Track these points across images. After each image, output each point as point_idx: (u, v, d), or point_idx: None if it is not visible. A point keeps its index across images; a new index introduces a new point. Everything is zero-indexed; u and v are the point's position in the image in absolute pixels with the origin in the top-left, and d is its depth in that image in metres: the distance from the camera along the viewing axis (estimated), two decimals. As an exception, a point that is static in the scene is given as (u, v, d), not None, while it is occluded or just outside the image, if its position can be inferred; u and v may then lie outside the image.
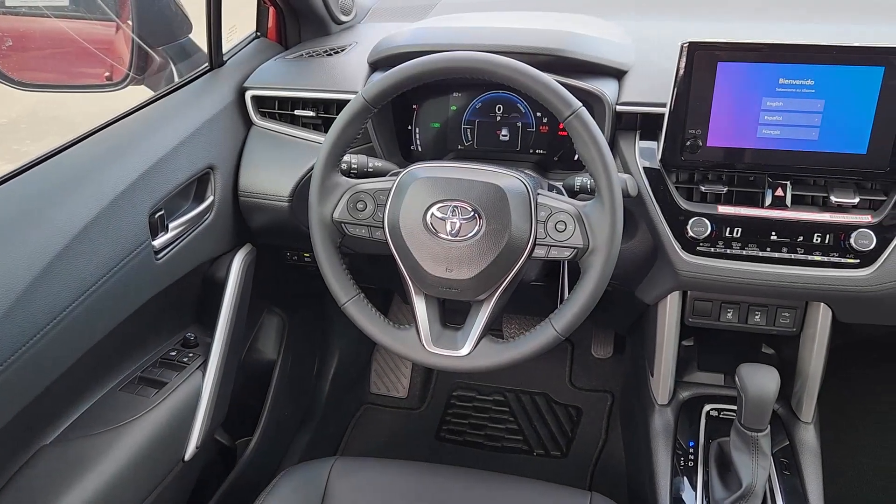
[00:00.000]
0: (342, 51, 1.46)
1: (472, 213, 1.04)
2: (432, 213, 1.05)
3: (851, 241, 1.10)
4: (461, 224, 1.04)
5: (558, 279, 1.27)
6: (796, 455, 1.26)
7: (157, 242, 1.20)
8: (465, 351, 1.08)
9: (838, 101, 1.08)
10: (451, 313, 1.15)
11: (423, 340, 1.09)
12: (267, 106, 1.41)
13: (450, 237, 1.04)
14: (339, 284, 1.11)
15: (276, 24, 1.56)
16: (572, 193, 1.15)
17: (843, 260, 1.12)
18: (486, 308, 1.08)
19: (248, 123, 1.42)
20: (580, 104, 1.00)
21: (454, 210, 1.04)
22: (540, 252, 1.05)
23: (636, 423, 1.51)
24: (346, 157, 1.17)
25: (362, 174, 1.18)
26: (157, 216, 1.20)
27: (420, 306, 1.10)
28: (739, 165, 1.15)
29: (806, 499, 1.18)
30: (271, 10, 1.54)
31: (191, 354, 1.36)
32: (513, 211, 1.03)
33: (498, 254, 1.03)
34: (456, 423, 2.11)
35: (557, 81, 1.03)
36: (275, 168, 1.37)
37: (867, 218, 1.11)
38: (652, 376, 1.38)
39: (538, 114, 1.33)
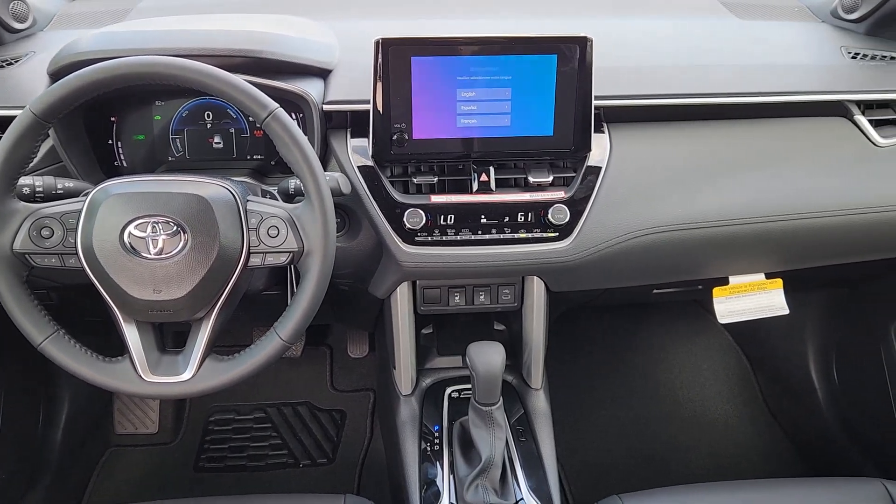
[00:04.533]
0: (17, 62, 1.30)
1: (176, 228, 0.98)
2: (130, 232, 0.97)
3: (549, 216, 1.19)
4: (164, 240, 0.97)
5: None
6: (530, 421, 1.35)
7: None
8: (187, 375, 1.02)
9: (523, 89, 1.16)
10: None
11: (139, 370, 1.02)
12: (-74, 130, 1.21)
13: (153, 256, 0.97)
14: (31, 323, 0.99)
15: (-69, 34, 1.35)
16: (288, 197, 1.13)
17: (545, 235, 1.21)
18: (206, 326, 1.03)
19: None
20: (276, 105, 0.98)
21: (155, 226, 0.97)
22: (256, 260, 1.02)
23: (387, 417, 1.53)
24: (28, 180, 1.05)
25: (50, 197, 1.06)
26: None
27: (131, 334, 1.03)
28: (444, 155, 1.19)
29: (541, 459, 1.27)
30: (-80, 18, 1.32)
31: None
32: (220, 221, 0.98)
33: (209, 268, 0.98)
34: (215, 450, 2.00)
35: (256, 83, 1.00)
36: None
37: (561, 194, 1.21)
38: (395, 368, 1.40)
39: (251, 118, 1.29)
